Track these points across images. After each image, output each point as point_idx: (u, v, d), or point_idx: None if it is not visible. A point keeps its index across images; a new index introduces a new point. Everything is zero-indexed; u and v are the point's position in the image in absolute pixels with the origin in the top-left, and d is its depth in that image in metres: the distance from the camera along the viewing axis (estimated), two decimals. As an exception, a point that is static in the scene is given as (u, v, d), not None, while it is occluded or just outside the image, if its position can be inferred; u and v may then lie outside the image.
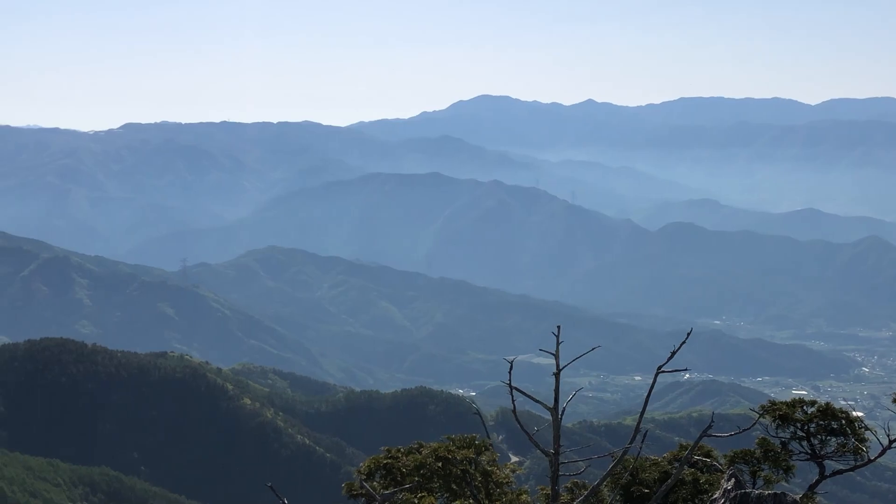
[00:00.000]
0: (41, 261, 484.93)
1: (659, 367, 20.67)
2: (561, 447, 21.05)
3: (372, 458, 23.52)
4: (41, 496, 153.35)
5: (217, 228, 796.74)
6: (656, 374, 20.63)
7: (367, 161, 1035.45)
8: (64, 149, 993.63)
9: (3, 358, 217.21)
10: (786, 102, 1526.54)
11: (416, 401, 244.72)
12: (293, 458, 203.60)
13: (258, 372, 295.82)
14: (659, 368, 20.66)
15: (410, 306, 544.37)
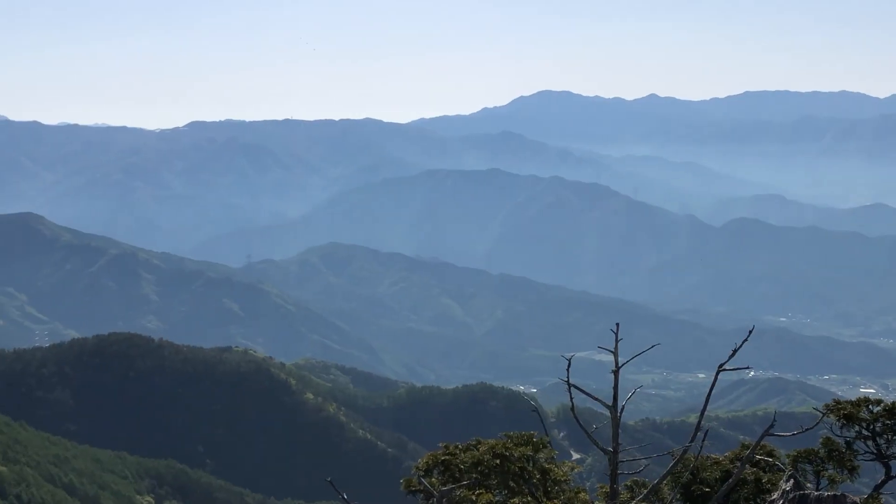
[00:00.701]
0: (109, 257, 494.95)
1: (720, 366, 20.42)
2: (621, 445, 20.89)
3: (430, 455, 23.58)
4: (109, 488, 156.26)
5: (279, 225, 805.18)
6: (717, 373, 20.37)
7: (427, 158, 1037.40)
8: (130, 147, 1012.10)
9: (72, 352, 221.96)
10: (854, 96, 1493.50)
11: (477, 397, 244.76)
12: (355, 453, 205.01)
13: (320, 367, 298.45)
14: (720, 367, 20.41)
15: (471, 303, 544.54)
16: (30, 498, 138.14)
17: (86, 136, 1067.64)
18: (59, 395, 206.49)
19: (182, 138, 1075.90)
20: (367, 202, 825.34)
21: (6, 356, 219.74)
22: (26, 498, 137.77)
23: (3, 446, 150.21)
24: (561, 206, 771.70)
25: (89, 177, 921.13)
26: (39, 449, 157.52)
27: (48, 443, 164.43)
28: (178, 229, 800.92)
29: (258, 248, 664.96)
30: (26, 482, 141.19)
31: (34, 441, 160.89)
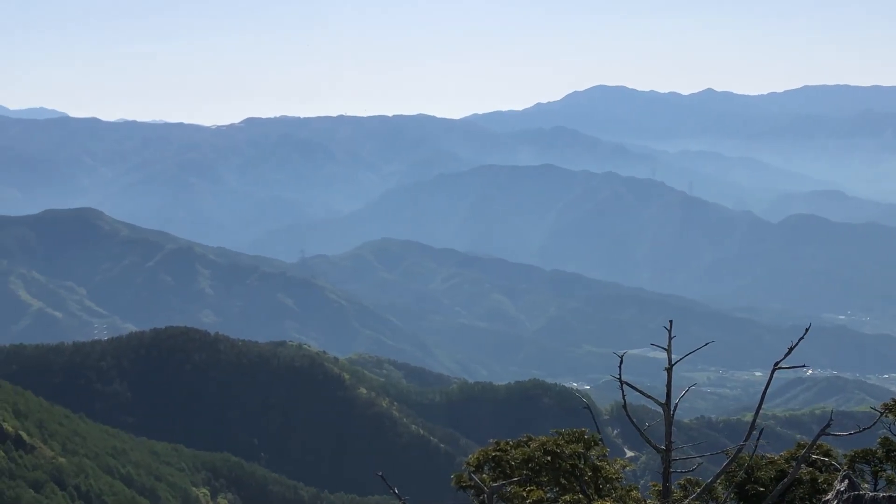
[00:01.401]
0: (166, 251, 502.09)
1: (776, 364, 20.08)
2: (674, 443, 20.66)
3: (481, 451, 23.55)
4: (165, 480, 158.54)
5: (333, 220, 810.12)
6: (773, 371, 20.05)
7: (480, 153, 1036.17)
8: (187, 143, 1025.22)
9: (129, 345, 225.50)
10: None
11: (530, 393, 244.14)
12: (407, 448, 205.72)
13: (373, 362, 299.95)
14: (776, 365, 20.07)
15: (524, 299, 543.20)
16: (88, 489, 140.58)
17: (143, 133, 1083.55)
18: (116, 387, 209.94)
19: (237, 134, 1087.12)
20: (419, 198, 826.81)
21: (66, 349, 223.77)
22: (85, 489, 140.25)
23: (63, 438, 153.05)
24: (615, 201, 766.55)
25: (147, 172, 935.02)
26: (98, 441, 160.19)
27: (106, 435, 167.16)
28: (233, 224, 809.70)
29: (312, 244, 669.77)
30: (85, 473, 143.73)
31: (93, 433, 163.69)
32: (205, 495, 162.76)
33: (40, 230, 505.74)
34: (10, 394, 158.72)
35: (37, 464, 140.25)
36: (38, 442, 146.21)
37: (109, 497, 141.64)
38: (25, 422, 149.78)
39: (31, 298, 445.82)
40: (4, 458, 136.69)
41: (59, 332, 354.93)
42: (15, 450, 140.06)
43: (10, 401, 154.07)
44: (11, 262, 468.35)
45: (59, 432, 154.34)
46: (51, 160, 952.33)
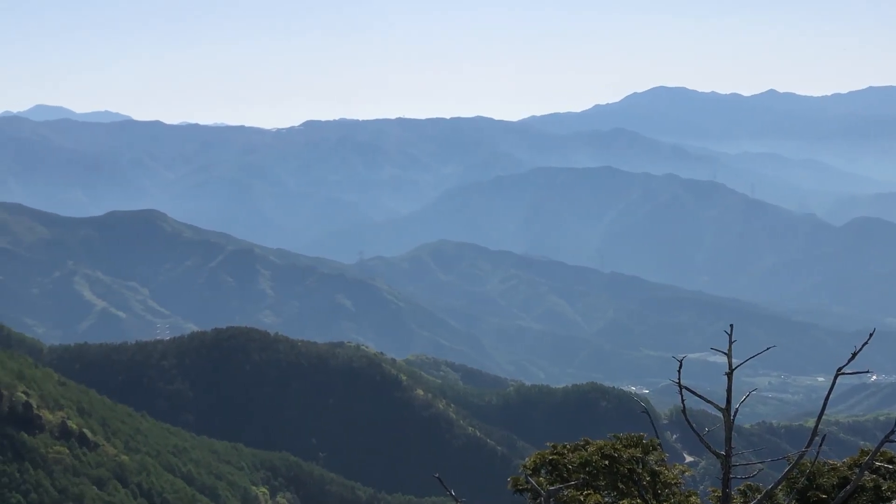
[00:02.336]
0: (227, 253, 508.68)
1: (839, 369, 19.72)
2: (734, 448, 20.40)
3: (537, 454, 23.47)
4: (225, 479, 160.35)
5: (391, 222, 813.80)
6: (836, 376, 19.69)
7: (537, 155, 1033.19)
8: (248, 146, 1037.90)
9: (191, 345, 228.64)
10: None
11: (588, 397, 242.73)
12: (464, 450, 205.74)
13: (430, 363, 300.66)
14: (839, 370, 19.71)
15: (581, 301, 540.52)
16: (150, 486, 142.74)
17: (205, 136, 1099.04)
18: (178, 386, 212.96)
19: (297, 137, 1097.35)
20: (477, 200, 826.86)
21: (129, 348, 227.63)
22: (147, 486, 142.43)
23: (126, 436, 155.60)
24: (675, 204, 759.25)
25: (208, 174, 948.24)
26: (159, 439, 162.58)
27: (168, 433, 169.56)
28: (292, 226, 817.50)
29: (370, 245, 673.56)
30: (147, 471, 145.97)
31: (154, 431, 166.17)
32: (264, 494, 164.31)
33: (105, 231, 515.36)
34: (75, 392, 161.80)
35: (100, 461, 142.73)
36: (102, 440, 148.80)
37: (171, 495, 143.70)
38: (89, 420, 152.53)
39: (96, 298, 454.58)
40: (69, 456, 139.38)
41: (123, 332, 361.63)
42: (79, 447, 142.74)
43: (74, 399, 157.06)
44: (77, 263, 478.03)
45: (121, 430, 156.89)
46: (115, 162, 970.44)
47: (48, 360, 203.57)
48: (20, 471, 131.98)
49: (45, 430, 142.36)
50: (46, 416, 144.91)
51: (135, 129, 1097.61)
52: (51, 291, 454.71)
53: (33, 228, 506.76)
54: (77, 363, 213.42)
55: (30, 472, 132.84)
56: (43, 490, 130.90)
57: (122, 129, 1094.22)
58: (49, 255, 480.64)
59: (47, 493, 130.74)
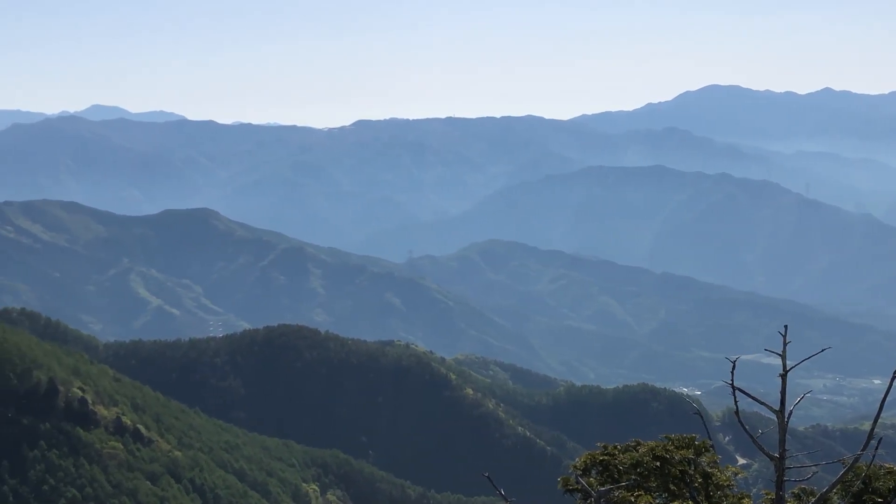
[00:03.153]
0: (279, 251, 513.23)
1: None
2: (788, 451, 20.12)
3: (588, 454, 23.33)
4: (277, 475, 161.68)
5: (440, 221, 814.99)
6: (893, 379, 19.33)
7: (588, 154, 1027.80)
8: (300, 145, 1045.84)
9: (243, 343, 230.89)
10: None
11: (638, 398, 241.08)
12: (513, 450, 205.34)
13: (480, 363, 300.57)
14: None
15: (632, 301, 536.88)
16: (203, 482, 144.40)
17: (258, 135, 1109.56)
18: (230, 383, 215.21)
19: (348, 136, 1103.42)
20: (527, 199, 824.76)
21: (182, 345, 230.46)
22: (199, 482, 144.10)
23: (179, 432, 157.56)
24: (728, 203, 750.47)
25: (261, 174, 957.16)
26: (212, 435, 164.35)
27: (220, 429, 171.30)
28: (343, 225, 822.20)
29: (419, 244, 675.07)
30: (199, 467, 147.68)
31: (207, 427, 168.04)
32: (314, 491, 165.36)
33: (159, 229, 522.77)
34: (130, 388, 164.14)
35: (154, 457, 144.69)
36: (156, 435, 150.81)
37: (223, 491, 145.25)
38: (143, 415, 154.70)
39: (150, 296, 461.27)
40: (123, 451, 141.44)
41: (176, 329, 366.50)
42: (133, 443, 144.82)
43: (129, 395, 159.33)
44: (132, 261, 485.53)
45: (175, 426, 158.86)
46: (170, 161, 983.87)
47: (104, 357, 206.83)
48: (76, 465, 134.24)
49: (101, 425, 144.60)
50: (102, 412, 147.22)
51: (189, 129, 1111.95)
52: (107, 289, 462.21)
53: (90, 226, 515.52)
54: (132, 359, 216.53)
55: (85, 466, 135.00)
56: (98, 485, 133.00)
57: (177, 129, 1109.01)
58: (105, 253, 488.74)
59: (102, 487, 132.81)
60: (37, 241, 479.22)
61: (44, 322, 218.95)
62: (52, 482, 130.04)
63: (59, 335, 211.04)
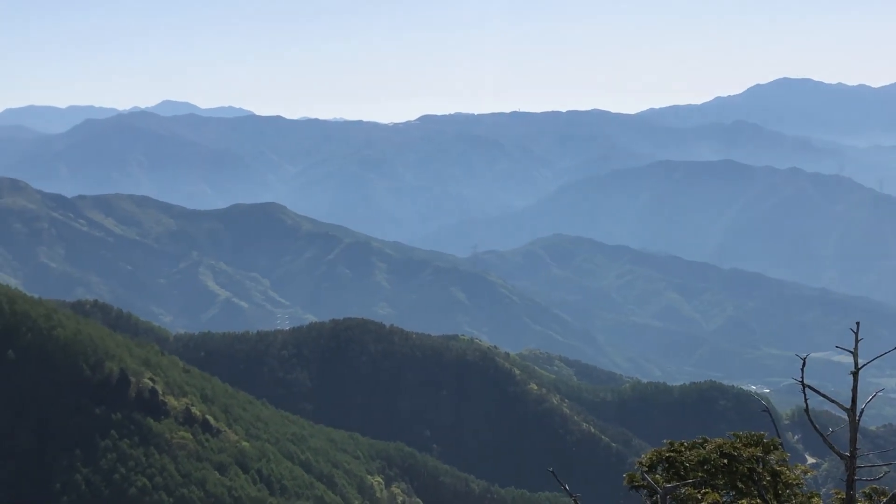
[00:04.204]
0: (344, 245, 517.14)
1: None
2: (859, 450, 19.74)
3: (654, 451, 23.11)
4: (342, 467, 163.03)
5: (505, 216, 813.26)
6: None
7: (656, 148, 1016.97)
8: (366, 140, 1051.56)
9: (309, 335, 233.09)
10: None
11: (706, 395, 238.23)
12: (578, 446, 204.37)
13: (544, 358, 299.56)
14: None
15: (700, 298, 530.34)
16: (269, 473, 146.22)
17: (325, 130, 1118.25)
18: (297, 375, 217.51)
19: (414, 131, 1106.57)
20: (593, 194, 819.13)
21: (250, 338, 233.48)
22: (266, 473, 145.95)
23: (247, 423, 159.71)
24: (799, 199, 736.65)
25: (327, 168, 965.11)
26: (279, 427, 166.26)
27: (287, 421, 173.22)
28: (408, 219, 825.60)
29: (484, 239, 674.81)
30: (267, 458, 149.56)
31: (274, 419, 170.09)
32: (379, 484, 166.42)
33: (228, 223, 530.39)
34: (199, 379, 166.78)
35: (222, 447, 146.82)
36: (224, 426, 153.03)
37: (289, 481, 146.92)
38: (212, 406, 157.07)
39: (219, 288, 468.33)
40: (192, 441, 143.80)
41: (245, 321, 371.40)
42: (202, 433, 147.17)
43: (198, 386, 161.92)
44: (201, 254, 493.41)
45: (242, 417, 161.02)
46: (238, 157, 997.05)
47: (174, 348, 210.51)
48: (146, 455, 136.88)
49: (171, 415, 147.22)
50: (171, 403, 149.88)
51: (257, 124, 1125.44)
52: (177, 281, 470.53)
53: (161, 220, 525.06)
54: (201, 351, 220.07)
55: (155, 456, 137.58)
56: (167, 474, 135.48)
57: (245, 124, 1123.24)
58: (175, 247, 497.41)
59: (171, 477, 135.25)
60: (109, 235, 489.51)
61: (115, 314, 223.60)
62: (123, 471, 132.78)
63: (130, 327, 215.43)
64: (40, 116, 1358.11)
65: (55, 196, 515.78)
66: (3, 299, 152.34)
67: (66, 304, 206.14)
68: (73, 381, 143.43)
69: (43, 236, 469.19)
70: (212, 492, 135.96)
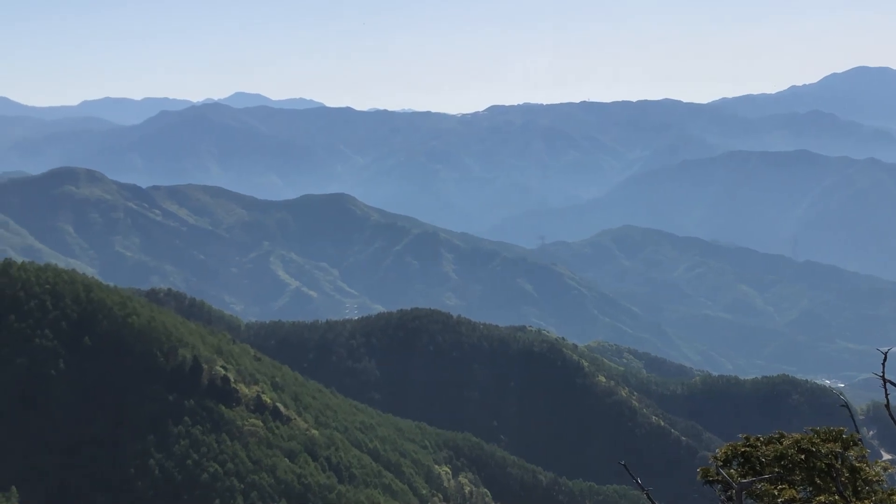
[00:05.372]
0: (412, 236, 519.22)
1: None
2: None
3: (729, 445, 22.68)
4: (409, 456, 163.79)
5: (573, 207, 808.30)
6: None
7: (728, 138, 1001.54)
8: (433, 131, 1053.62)
9: (377, 325, 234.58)
10: None
11: (778, 389, 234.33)
12: (647, 439, 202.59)
13: (613, 350, 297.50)
14: None
15: (772, 290, 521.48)
16: (338, 461, 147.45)
17: (393, 122, 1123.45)
18: (365, 365, 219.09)
19: (481, 122, 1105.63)
20: (663, 184, 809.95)
21: (319, 327, 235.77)
22: (335, 461, 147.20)
23: (316, 411, 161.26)
24: (876, 190, 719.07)
25: (396, 159, 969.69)
26: (348, 415, 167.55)
27: (355, 410, 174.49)
28: (475, 210, 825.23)
29: (552, 230, 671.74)
30: (335, 446, 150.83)
31: (343, 407, 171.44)
32: (446, 473, 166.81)
33: (298, 214, 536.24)
34: (269, 367, 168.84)
35: (292, 434, 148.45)
36: (294, 414, 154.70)
37: (357, 470, 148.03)
38: (282, 394, 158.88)
39: (289, 278, 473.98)
40: (263, 428, 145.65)
41: (314, 311, 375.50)
42: (272, 420, 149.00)
43: (269, 374, 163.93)
44: (272, 244, 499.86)
45: (312, 405, 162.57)
46: (308, 148, 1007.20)
47: (245, 337, 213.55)
48: (218, 441, 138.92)
49: (242, 403, 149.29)
50: (243, 390, 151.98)
51: (328, 116, 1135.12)
52: (248, 271, 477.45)
53: (233, 211, 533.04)
54: (272, 339, 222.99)
55: (226, 443, 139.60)
56: (239, 461, 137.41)
57: (316, 116, 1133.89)
58: (247, 236, 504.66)
59: (242, 463, 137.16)
60: (183, 225, 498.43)
61: (189, 302, 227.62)
62: (195, 457, 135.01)
63: (203, 315, 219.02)
64: (116, 108, 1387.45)
65: (130, 186, 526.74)
66: (80, 287, 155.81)
67: (140, 293, 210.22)
68: (148, 368, 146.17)
69: (119, 226, 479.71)
70: (282, 478, 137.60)
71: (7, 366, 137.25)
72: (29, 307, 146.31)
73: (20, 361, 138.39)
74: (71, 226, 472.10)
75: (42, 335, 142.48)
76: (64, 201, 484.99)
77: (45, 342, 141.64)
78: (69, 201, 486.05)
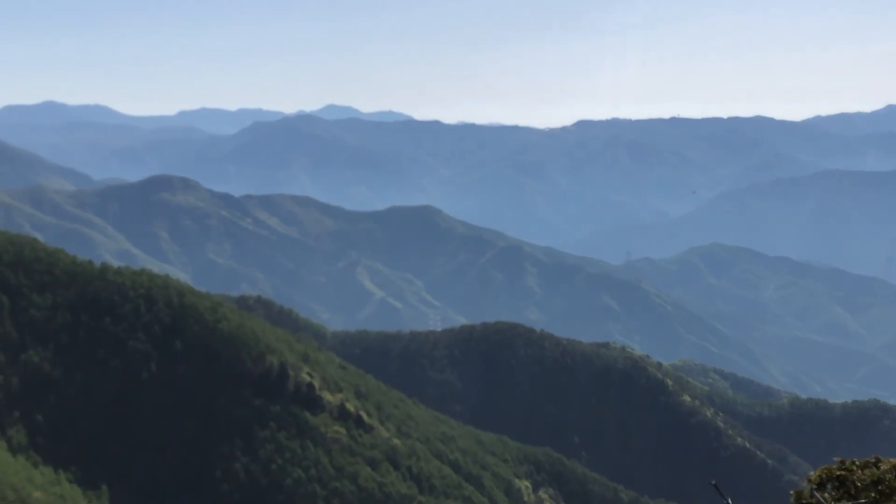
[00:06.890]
0: (497, 249, 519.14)
1: None
2: None
3: (824, 468, 22.42)
4: (490, 469, 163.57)
5: (660, 224, 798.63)
6: None
7: (822, 157, 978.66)
8: (521, 145, 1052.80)
9: (461, 337, 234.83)
10: None
11: (868, 414, 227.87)
12: (732, 460, 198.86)
13: (698, 369, 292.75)
14: None
15: (866, 313, 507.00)
16: (419, 471, 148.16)
17: (480, 135, 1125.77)
18: (448, 376, 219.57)
19: (568, 136, 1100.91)
20: (754, 202, 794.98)
21: (403, 337, 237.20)
22: (416, 471, 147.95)
23: (398, 421, 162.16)
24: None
25: (482, 173, 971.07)
26: (429, 426, 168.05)
27: (437, 420, 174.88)
28: (560, 224, 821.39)
29: (638, 246, 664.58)
30: (417, 456, 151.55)
31: (424, 418, 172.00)
32: (527, 488, 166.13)
33: (385, 225, 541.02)
34: (354, 376, 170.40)
35: (374, 443, 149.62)
36: (376, 422, 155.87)
37: (437, 480, 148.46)
38: (366, 403, 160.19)
39: (375, 288, 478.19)
40: (346, 436, 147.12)
41: (398, 321, 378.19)
42: (355, 428, 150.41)
43: (353, 382, 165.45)
44: (359, 254, 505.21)
45: (394, 415, 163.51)
46: (396, 160, 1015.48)
47: (331, 345, 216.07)
48: (302, 447, 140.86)
49: (326, 410, 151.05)
50: (327, 398, 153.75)
51: (415, 129, 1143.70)
52: (335, 280, 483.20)
53: (321, 221, 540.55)
54: (356, 348, 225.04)
55: (310, 449, 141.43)
56: (322, 467, 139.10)
57: (404, 129, 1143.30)
58: (334, 246, 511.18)
59: (325, 470, 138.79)
60: (273, 233, 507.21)
61: (277, 309, 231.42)
62: (279, 462, 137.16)
63: (290, 322, 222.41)
64: (212, 118, 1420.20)
65: (223, 195, 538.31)
66: (173, 293, 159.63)
67: (230, 299, 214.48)
68: (236, 373, 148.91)
69: (212, 233, 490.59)
70: (363, 486, 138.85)
71: (102, 367, 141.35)
72: (124, 311, 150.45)
73: (114, 363, 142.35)
74: (166, 232, 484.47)
75: (136, 338, 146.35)
76: (160, 208, 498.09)
77: (139, 345, 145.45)
78: (165, 208, 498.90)
